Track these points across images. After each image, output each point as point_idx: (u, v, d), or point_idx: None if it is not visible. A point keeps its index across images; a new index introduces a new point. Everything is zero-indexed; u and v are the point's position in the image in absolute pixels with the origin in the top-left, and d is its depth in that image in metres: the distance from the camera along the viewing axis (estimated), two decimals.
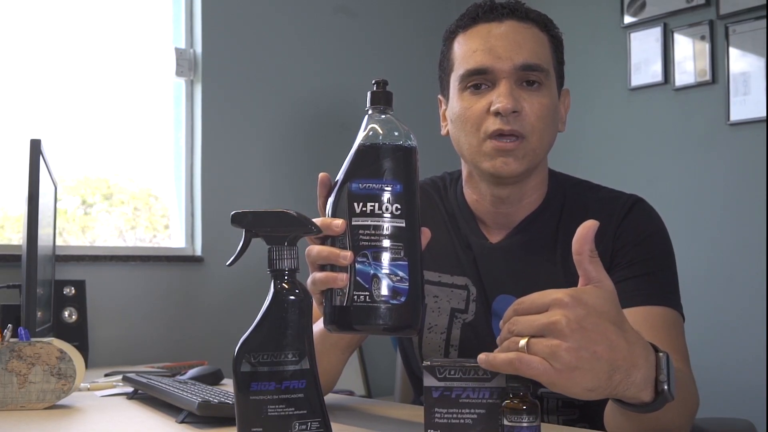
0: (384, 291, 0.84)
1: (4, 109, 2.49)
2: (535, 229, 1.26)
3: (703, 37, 2.67)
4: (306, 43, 3.00)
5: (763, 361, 2.43)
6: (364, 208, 0.86)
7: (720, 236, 2.63)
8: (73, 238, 2.68)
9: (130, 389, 1.51)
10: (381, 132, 0.89)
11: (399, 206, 0.86)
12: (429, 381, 0.90)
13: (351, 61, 3.10)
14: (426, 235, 0.91)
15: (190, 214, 2.76)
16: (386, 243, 0.85)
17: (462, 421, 0.89)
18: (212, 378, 1.62)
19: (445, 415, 0.90)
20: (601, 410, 1.19)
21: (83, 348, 2.19)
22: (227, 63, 2.80)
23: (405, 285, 0.85)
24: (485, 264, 1.27)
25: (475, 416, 0.89)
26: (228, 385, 0.77)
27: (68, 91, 2.60)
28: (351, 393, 2.66)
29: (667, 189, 2.73)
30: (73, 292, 2.27)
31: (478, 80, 1.20)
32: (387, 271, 0.85)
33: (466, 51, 1.22)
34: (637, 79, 2.83)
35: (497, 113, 1.17)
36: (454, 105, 1.24)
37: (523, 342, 0.79)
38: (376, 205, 0.86)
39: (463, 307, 1.27)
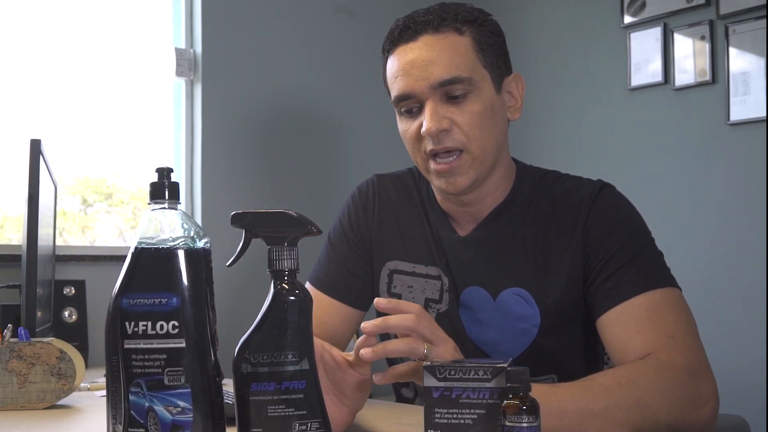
0: (162, 426, 0.76)
1: (4, 109, 2.49)
2: (503, 221, 1.27)
3: (703, 37, 2.67)
4: (306, 43, 3.00)
5: (763, 361, 2.43)
6: (135, 329, 0.77)
7: (720, 236, 2.63)
8: (73, 238, 2.68)
9: None
10: (159, 233, 0.79)
11: (176, 323, 0.77)
12: (429, 381, 0.90)
13: (351, 61, 3.10)
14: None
15: (190, 214, 2.76)
16: (162, 369, 0.76)
17: (462, 421, 0.89)
18: None
19: (445, 415, 0.90)
20: (577, 376, 1.18)
21: (83, 348, 2.19)
22: (227, 63, 2.80)
23: (188, 417, 0.77)
24: (454, 257, 1.28)
25: (475, 416, 0.89)
26: (228, 385, 0.77)
27: (68, 91, 2.60)
28: None
29: (667, 189, 2.73)
30: (73, 292, 2.27)
31: (407, 105, 1.21)
32: (164, 403, 0.76)
33: (390, 77, 1.24)
34: (637, 79, 2.83)
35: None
36: (398, 125, 1.26)
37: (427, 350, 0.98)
38: (149, 324, 0.77)
39: (437, 297, 1.28)
